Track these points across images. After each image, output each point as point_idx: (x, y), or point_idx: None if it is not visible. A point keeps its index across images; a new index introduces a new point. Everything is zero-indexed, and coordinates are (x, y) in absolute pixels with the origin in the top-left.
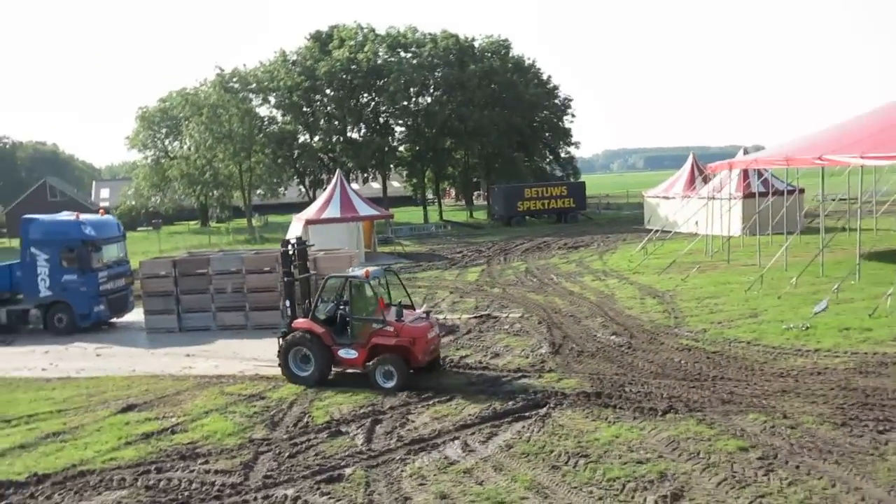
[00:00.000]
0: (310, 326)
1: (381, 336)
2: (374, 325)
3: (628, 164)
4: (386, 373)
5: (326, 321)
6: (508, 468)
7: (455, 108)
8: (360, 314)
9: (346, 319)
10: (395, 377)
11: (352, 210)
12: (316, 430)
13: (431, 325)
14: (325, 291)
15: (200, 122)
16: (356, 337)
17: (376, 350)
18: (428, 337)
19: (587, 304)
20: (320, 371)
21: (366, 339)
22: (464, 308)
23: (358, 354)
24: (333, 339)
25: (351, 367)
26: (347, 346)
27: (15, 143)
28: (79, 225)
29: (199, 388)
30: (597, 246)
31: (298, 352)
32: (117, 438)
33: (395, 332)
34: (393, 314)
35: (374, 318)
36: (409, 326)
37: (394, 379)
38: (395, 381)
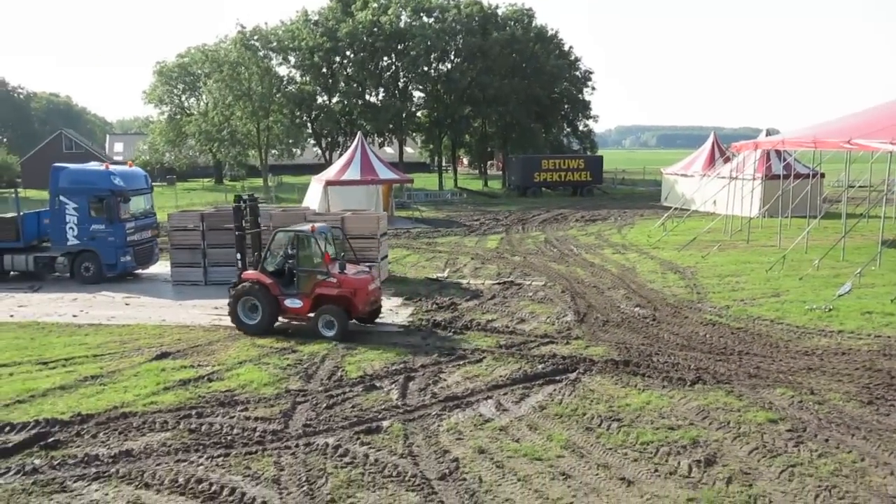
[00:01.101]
0: (258, 277)
1: (324, 287)
2: (318, 277)
3: (640, 141)
4: (327, 322)
5: (274, 273)
6: (543, 428)
7: (476, 76)
8: (306, 266)
9: (293, 271)
10: (335, 326)
11: (372, 173)
12: (350, 383)
13: (372, 277)
14: (274, 245)
15: (220, 80)
16: (301, 288)
17: (320, 300)
18: (369, 288)
19: (609, 275)
20: (267, 319)
21: (310, 290)
22: (486, 274)
23: (303, 304)
24: (280, 290)
25: (296, 316)
26: (293, 297)
27: (29, 94)
28: (108, 175)
29: (230, 340)
30: (614, 220)
31: (247, 301)
32: (155, 384)
33: (337, 284)
34: (336, 267)
35: (318, 270)
36: (351, 278)
37: (334, 328)
38: (336, 331)
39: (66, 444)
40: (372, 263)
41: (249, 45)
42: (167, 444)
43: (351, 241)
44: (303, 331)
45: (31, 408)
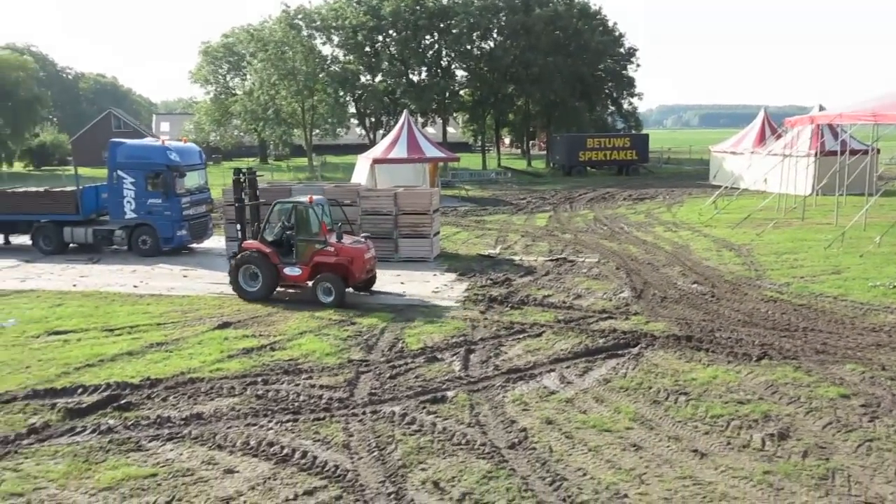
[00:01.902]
0: (258, 247)
1: (322, 255)
2: (316, 246)
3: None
4: (326, 289)
5: (273, 243)
6: (609, 400)
7: (519, 54)
8: (305, 236)
9: (292, 241)
10: (333, 293)
11: (418, 151)
12: (412, 355)
13: (368, 247)
14: (273, 216)
15: (265, 59)
16: (300, 256)
17: (318, 268)
18: (365, 257)
19: (663, 253)
20: (267, 287)
21: (309, 259)
22: (538, 251)
23: (301, 272)
24: (280, 259)
25: (294, 284)
26: (292, 265)
27: (77, 74)
28: (164, 150)
29: (288, 312)
30: (662, 199)
31: (247, 269)
32: (219, 352)
33: (335, 252)
34: (333, 236)
35: (316, 239)
36: (348, 247)
37: (332, 295)
38: (334, 297)
39: (138, 406)
40: (366, 234)
41: (294, 24)
42: (236, 409)
43: (405, 216)
44: (304, 299)
45: (101, 371)
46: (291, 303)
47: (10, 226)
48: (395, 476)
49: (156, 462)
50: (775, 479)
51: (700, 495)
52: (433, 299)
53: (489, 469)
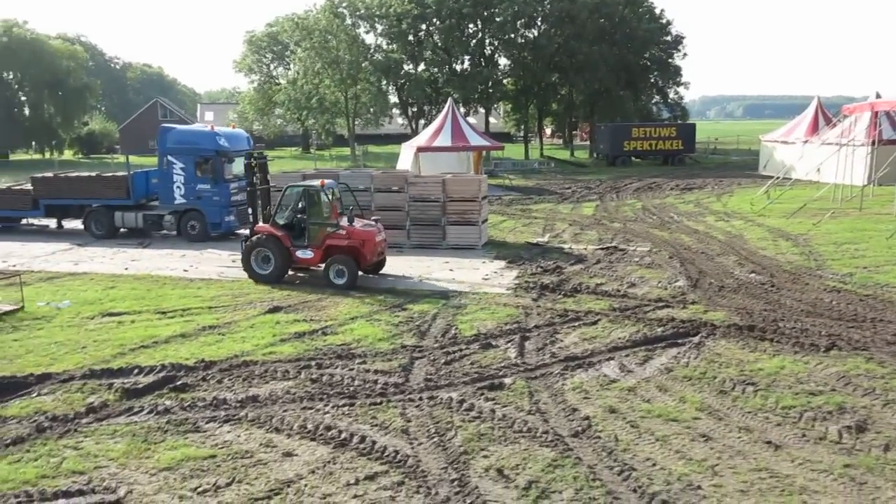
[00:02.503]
0: (270, 230)
1: (334, 238)
2: (328, 229)
3: (726, 111)
4: (338, 271)
5: (285, 226)
6: (673, 390)
7: (563, 42)
8: (317, 219)
9: (303, 224)
10: (345, 275)
11: (463, 139)
12: (465, 341)
13: (378, 230)
14: (285, 199)
15: (310, 47)
16: (312, 240)
17: (329, 251)
18: (376, 240)
19: (716, 242)
20: (279, 270)
21: (320, 242)
22: (587, 239)
23: (313, 255)
24: (291, 242)
25: (306, 267)
26: (304, 248)
27: (125, 64)
28: (214, 136)
29: (338, 296)
30: (711, 189)
31: (260, 252)
32: (272, 335)
33: (346, 235)
34: (345, 220)
35: (328, 222)
36: (359, 230)
37: (345, 276)
38: (346, 279)
39: (194, 388)
40: (376, 217)
41: (338, 12)
42: (291, 392)
43: (453, 203)
44: (319, 281)
45: (155, 353)
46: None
47: (63, 210)
48: (458, 462)
49: (214, 444)
50: (857, 472)
51: (778, 488)
52: (483, 286)
53: (554, 457)
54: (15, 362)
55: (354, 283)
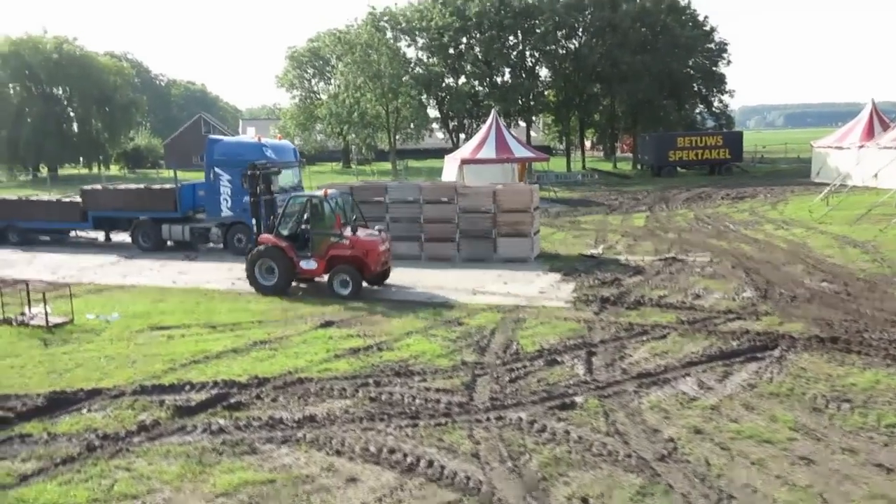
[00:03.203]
0: (274, 241)
1: (338, 248)
2: (331, 239)
3: (766, 121)
4: (342, 281)
5: (289, 237)
6: (761, 408)
7: (605, 52)
8: (320, 230)
9: (307, 235)
10: (350, 285)
11: (507, 151)
12: (528, 357)
13: (383, 239)
14: (288, 210)
15: (352, 61)
16: (316, 250)
17: (333, 261)
18: (379, 249)
19: (779, 251)
20: (283, 281)
21: (324, 252)
22: (643, 250)
23: (317, 265)
24: (295, 253)
25: (309, 278)
26: (308, 259)
27: (170, 81)
28: (261, 147)
29: (392, 311)
30: (764, 197)
31: (264, 263)
32: (325, 351)
33: (350, 245)
34: (349, 229)
35: (332, 232)
36: (362, 239)
37: (349, 287)
38: (351, 289)
39: (248, 406)
40: (381, 227)
41: (379, 26)
42: (350, 412)
43: (504, 214)
44: (322, 290)
45: (207, 368)
46: (395, 302)
47: (112, 222)
48: (537, 491)
49: (272, 467)
50: None
51: None
52: (541, 299)
53: (642, 484)
54: (65, 376)
55: (358, 293)
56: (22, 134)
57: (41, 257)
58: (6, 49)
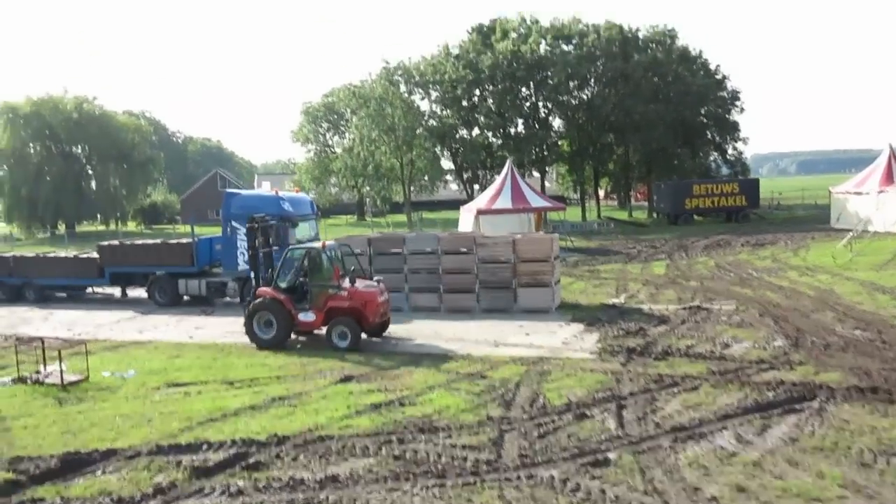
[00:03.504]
0: (272, 294)
1: (336, 300)
2: (329, 291)
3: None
4: (341, 333)
5: (288, 289)
6: (805, 463)
7: (618, 102)
8: (318, 281)
9: (305, 287)
10: (349, 337)
11: (523, 201)
12: (556, 411)
13: (381, 290)
14: (287, 262)
15: (366, 115)
16: (314, 302)
17: (332, 313)
18: (378, 300)
19: (806, 298)
20: (282, 334)
21: (322, 304)
22: (666, 299)
23: (315, 318)
24: (294, 305)
25: (308, 330)
26: (306, 311)
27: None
28: (278, 200)
29: (412, 364)
30: (784, 244)
31: (262, 316)
32: (346, 407)
33: (348, 297)
34: (346, 281)
35: (329, 284)
36: (361, 291)
37: (348, 339)
38: (350, 341)
39: (268, 466)
40: (379, 278)
41: (394, 80)
42: (373, 471)
43: (524, 263)
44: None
45: (224, 426)
46: (415, 355)
47: (128, 278)
48: None
49: None
50: None
51: None
52: (564, 351)
53: None
54: (79, 436)
55: (357, 345)
56: (41, 192)
57: (57, 314)
58: (28, 109)
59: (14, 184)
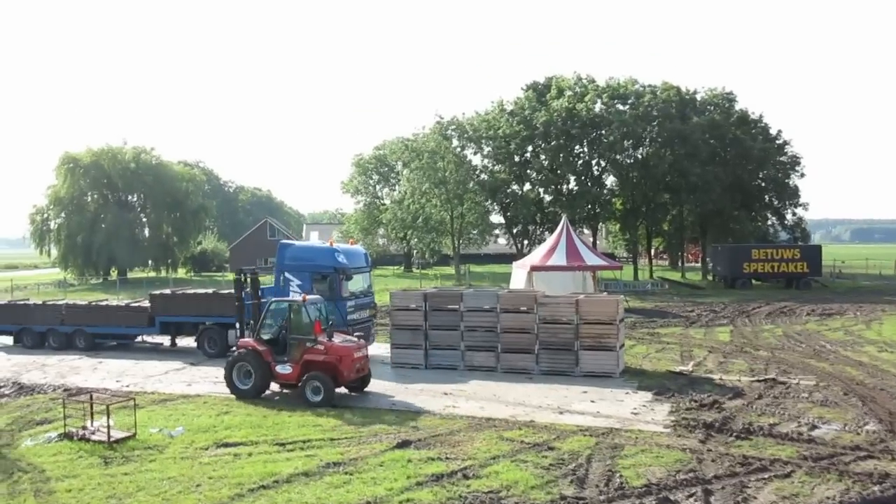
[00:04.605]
0: (253, 345)
1: (312, 353)
2: (307, 344)
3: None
4: (314, 388)
5: (269, 341)
6: None
7: (674, 162)
8: (297, 334)
9: (285, 339)
10: (322, 392)
11: (578, 259)
12: (636, 493)
13: (359, 346)
14: (269, 314)
15: (418, 167)
16: (292, 355)
17: (308, 366)
18: (354, 356)
19: (892, 378)
20: (259, 385)
21: (299, 357)
22: (737, 369)
23: (292, 370)
24: (273, 357)
25: (286, 382)
26: (284, 363)
27: (238, 188)
28: (332, 252)
29: (472, 430)
30: (854, 315)
31: (242, 367)
32: (405, 477)
33: (324, 350)
34: (324, 335)
35: (307, 337)
36: (337, 345)
37: (321, 394)
38: (323, 396)
39: None
40: (359, 334)
41: (447, 134)
42: None
43: (587, 325)
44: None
45: (277, 495)
46: (475, 420)
47: (178, 327)
48: None
49: None
50: None
51: None
52: (635, 422)
53: None
54: (125, 502)
55: (331, 401)
56: (96, 239)
57: (107, 363)
58: (87, 160)
59: (70, 231)
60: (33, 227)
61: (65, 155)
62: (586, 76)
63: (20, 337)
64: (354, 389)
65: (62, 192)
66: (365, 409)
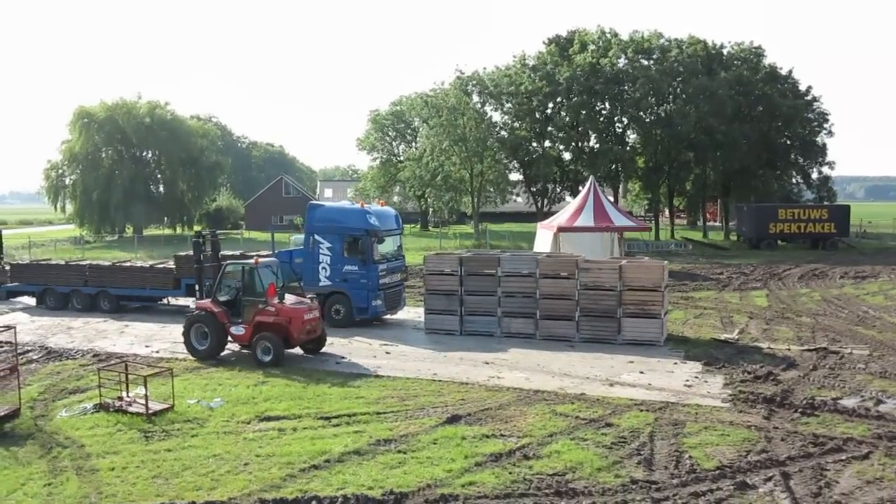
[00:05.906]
0: (209, 306)
1: (263, 315)
2: (259, 306)
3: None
4: (265, 348)
5: (225, 303)
6: None
7: (699, 120)
8: (250, 296)
9: (240, 301)
10: (271, 352)
11: (606, 220)
12: (710, 477)
13: (311, 308)
14: (225, 276)
15: (437, 124)
16: (245, 316)
17: (259, 327)
18: (304, 318)
19: None
20: (215, 346)
21: (251, 318)
22: (783, 338)
23: (245, 331)
24: (228, 318)
25: (239, 343)
26: (238, 324)
27: (251, 143)
28: (364, 214)
29: (522, 404)
30: (888, 277)
31: (199, 328)
32: (463, 456)
33: (275, 312)
34: (275, 297)
35: (259, 299)
36: (287, 307)
37: (270, 354)
38: (272, 357)
39: None
40: (311, 296)
41: (467, 90)
42: None
43: (630, 292)
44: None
45: (331, 476)
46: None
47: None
48: None
49: None
50: None
51: None
52: (690, 396)
53: None
54: (172, 482)
55: (280, 362)
56: (112, 196)
57: (133, 326)
58: (102, 115)
59: (86, 187)
60: (48, 183)
61: (79, 109)
62: (610, 30)
63: (43, 298)
64: (309, 351)
65: (77, 147)
66: (406, 379)
